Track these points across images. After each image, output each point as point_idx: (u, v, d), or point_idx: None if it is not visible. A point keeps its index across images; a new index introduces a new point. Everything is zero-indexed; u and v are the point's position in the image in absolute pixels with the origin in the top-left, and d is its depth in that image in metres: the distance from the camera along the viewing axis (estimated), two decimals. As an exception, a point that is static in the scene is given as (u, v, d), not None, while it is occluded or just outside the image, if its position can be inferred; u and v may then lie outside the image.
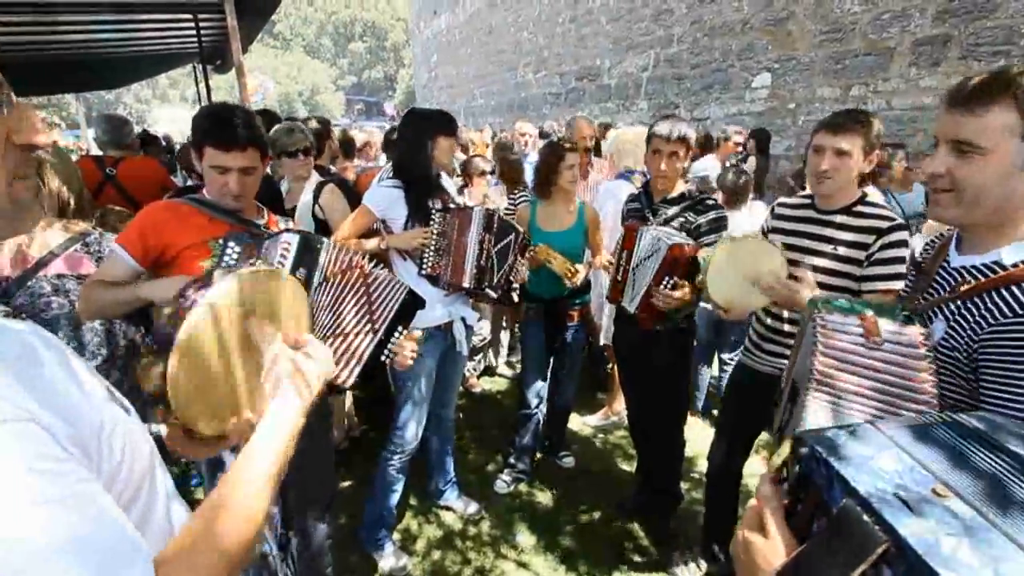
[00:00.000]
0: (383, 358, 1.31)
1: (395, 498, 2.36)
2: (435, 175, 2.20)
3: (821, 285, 1.66)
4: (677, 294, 1.98)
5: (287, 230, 1.49)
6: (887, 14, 5.42)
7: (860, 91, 5.77)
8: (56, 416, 0.53)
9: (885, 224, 1.67)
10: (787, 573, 0.53)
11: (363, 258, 1.26)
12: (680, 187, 2.27)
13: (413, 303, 1.36)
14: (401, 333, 1.33)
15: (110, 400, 0.65)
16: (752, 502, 0.64)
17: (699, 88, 7.92)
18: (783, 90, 6.63)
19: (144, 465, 0.65)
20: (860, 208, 1.73)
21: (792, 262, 1.72)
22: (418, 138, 2.13)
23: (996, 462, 0.50)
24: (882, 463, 0.51)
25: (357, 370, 1.25)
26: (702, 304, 2.28)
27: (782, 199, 2.04)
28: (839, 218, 1.75)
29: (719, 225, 2.16)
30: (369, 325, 1.27)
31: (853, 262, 1.70)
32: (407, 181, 2.14)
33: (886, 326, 0.94)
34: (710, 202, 2.22)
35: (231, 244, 1.29)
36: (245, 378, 0.84)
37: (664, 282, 1.99)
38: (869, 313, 0.96)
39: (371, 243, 2.16)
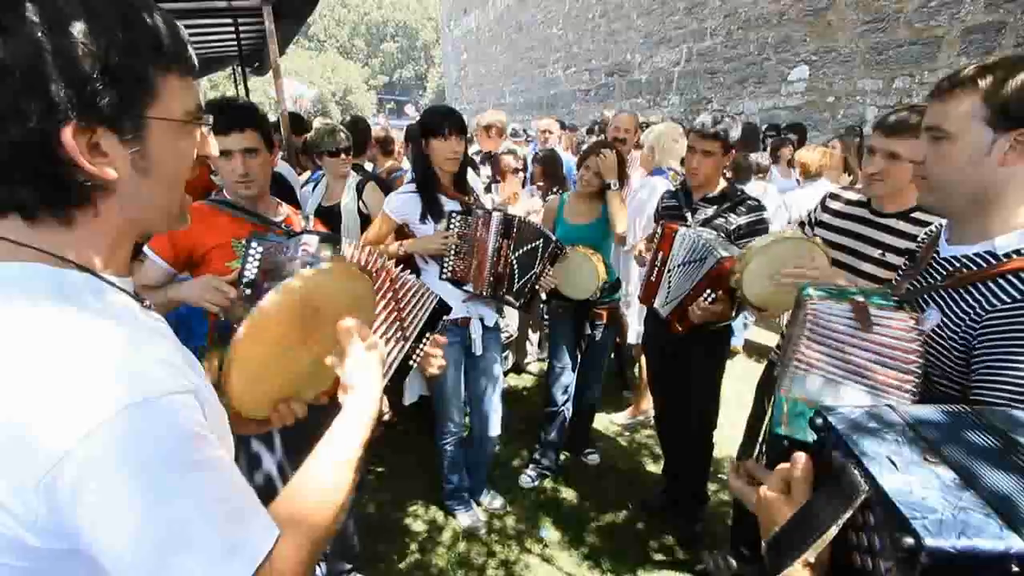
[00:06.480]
0: (411, 362, 1.33)
1: (461, 471, 2.61)
2: (453, 174, 2.18)
3: None
4: (716, 308, 1.92)
5: (306, 231, 1.54)
6: (934, 1, 5.17)
7: (904, 83, 5.53)
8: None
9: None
10: (794, 520, 0.62)
11: (387, 260, 1.28)
12: (720, 186, 2.21)
13: (441, 311, 1.37)
14: (428, 339, 1.34)
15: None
16: (783, 465, 0.69)
17: (733, 82, 7.73)
18: (822, 83, 6.41)
19: (230, 442, 0.72)
20: (918, 215, 1.55)
21: (836, 263, 1.59)
22: (417, 141, 2.19)
23: (989, 440, 0.58)
24: (886, 434, 0.60)
25: (387, 375, 1.27)
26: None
27: (834, 190, 1.89)
28: (894, 222, 1.61)
29: (759, 228, 2.09)
30: (400, 332, 1.28)
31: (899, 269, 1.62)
32: (417, 182, 2.19)
33: (876, 311, 0.94)
34: (752, 203, 2.14)
35: (254, 244, 1.34)
36: (295, 370, 0.89)
37: (705, 294, 1.92)
38: (860, 298, 0.97)
39: (393, 247, 2.16)
